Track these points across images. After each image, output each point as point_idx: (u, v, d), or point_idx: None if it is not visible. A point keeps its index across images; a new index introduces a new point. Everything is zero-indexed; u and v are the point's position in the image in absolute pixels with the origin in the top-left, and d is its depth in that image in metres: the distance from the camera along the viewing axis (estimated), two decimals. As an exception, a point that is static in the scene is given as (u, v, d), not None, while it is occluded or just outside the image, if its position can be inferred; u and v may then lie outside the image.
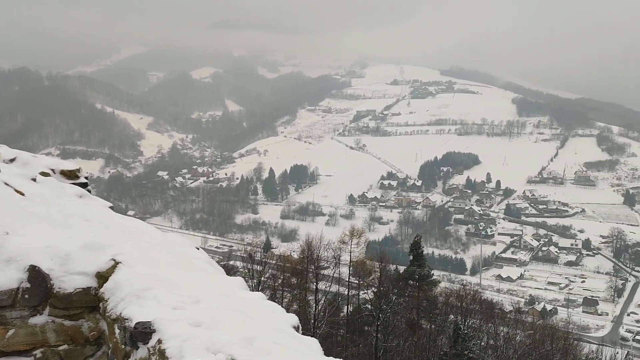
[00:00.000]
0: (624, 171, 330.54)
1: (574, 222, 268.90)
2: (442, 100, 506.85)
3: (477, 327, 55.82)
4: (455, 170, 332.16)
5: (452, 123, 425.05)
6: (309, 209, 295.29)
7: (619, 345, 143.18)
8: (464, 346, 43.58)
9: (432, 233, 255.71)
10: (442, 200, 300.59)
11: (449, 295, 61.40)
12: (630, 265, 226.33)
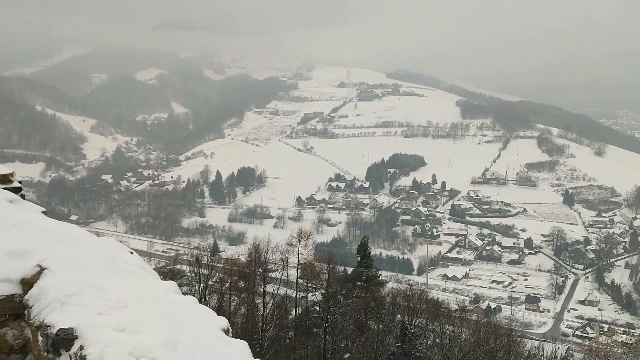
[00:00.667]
0: (563, 171, 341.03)
1: (516, 221, 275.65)
2: (388, 102, 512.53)
3: (423, 326, 56.40)
4: (402, 172, 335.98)
5: (399, 125, 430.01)
6: (256, 211, 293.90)
7: (559, 341, 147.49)
8: (411, 345, 43.93)
9: (380, 234, 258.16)
10: (389, 202, 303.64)
11: (396, 295, 61.90)
12: (569, 262, 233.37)
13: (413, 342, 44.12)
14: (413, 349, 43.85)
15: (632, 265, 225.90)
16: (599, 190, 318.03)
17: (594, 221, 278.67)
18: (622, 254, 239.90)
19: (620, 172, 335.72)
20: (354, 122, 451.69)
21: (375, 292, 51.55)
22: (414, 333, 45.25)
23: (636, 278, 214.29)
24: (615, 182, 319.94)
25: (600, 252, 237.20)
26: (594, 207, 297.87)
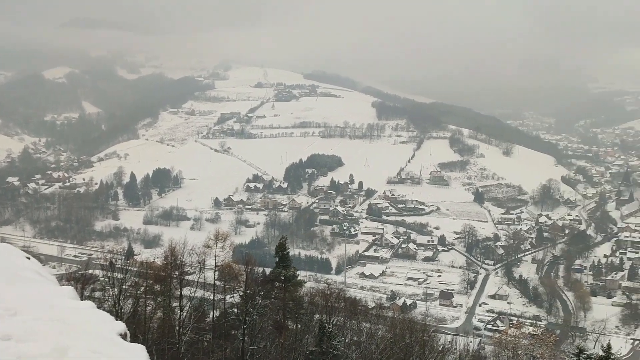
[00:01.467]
0: (474, 171, 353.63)
1: (430, 219, 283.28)
2: (305, 103, 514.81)
3: (341, 324, 57.09)
4: (320, 172, 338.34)
5: (316, 126, 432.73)
6: (173, 213, 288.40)
7: (472, 335, 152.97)
8: (329, 344, 44.30)
9: (299, 234, 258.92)
10: (307, 202, 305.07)
11: (315, 294, 62.30)
12: (480, 258, 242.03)
13: (331, 341, 44.51)
14: (331, 347, 44.24)
15: (538, 260, 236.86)
16: (507, 189, 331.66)
17: (502, 218, 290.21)
18: (529, 250, 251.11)
19: (526, 171, 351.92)
20: (271, 122, 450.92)
21: (294, 292, 51.67)
22: (332, 332, 45.66)
23: (542, 272, 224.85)
24: (522, 180, 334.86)
25: (509, 247, 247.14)
26: (503, 205, 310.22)
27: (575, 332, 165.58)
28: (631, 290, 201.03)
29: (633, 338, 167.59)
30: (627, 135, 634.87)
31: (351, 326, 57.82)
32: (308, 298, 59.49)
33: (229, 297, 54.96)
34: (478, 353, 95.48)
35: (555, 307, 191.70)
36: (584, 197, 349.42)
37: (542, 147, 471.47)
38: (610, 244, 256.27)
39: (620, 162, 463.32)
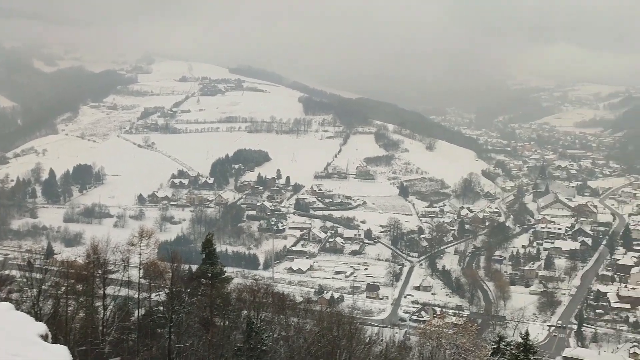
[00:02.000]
0: (399, 165, 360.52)
1: (357, 213, 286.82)
2: (231, 98, 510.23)
3: (269, 319, 57.14)
4: (246, 167, 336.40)
5: (242, 121, 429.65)
6: (95, 210, 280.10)
7: (397, 326, 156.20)
8: (257, 340, 44.31)
9: (226, 230, 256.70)
10: (234, 198, 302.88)
11: (242, 290, 62.07)
12: (405, 251, 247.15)
13: (259, 337, 44.53)
14: (259, 343, 44.27)
15: (460, 251, 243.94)
16: (430, 183, 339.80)
17: (426, 211, 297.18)
18: (452, 241, 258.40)
19: (449, 165, 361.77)
20: (197, 117, 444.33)
21: (221, 288, 51.36)
22: (259, 327, 45.65)
23: (464, 263, 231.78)
24: (444, 174, 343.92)
25: (433, 240, 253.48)
26: (426, 199, 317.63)
27: (495, 320, 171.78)
28: (547, 279, 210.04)
29: (549, 325, 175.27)
30: (542, 130, 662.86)
31: (279, 321, 57.96)
32: (235, 294, 59.23)
33: (154, 295, 53.94)
34: (404, 344, 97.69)
35: (477, 296, 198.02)
36: (503, 190, 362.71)
37: (463, 142, 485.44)
38: (528, 235, 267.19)
39: (537, 156, 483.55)
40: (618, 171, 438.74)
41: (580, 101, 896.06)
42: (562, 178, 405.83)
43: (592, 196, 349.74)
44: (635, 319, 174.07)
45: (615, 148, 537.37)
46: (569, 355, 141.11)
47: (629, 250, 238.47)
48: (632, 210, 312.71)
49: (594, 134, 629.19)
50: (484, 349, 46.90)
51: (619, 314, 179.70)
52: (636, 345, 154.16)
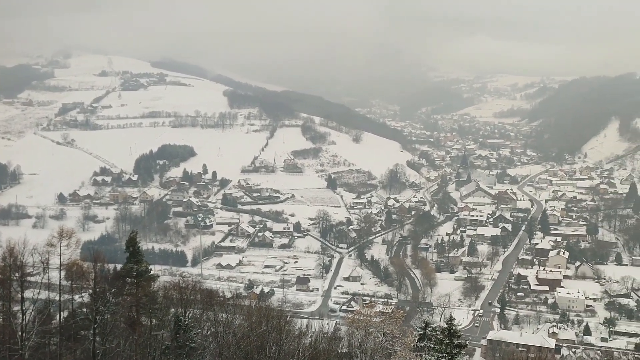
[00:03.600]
0: (326, 158, 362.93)
1: (286, 207, 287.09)
2: (154, 92, 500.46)
3: (198, 316, 56.42)
4: (171, 163, 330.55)
5: (166, 115, 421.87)
6: (11, 211, 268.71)
7: (328, 317, 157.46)
8: (186, 337, 43.71)
9: (152, 228, 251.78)
10: (160, 194, 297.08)
11: (169, 288, 61.01)
12: (335, 243, 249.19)
13: (187, 334, 43.94)
14: (187, 340, 43.69)
15: (388, 241, 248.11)
16: (357, 174, 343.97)
17: (354, 203, 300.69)
18: (379, 232, 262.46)
19: (375, 156, 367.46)
20: (118, 112, 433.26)
21: (147, 287, 50.21)
22: (188, 324, 45.06)
23: (391, 252, 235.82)
24: (371, 166, 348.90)
25: (361, 231, 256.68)
26: (354, 190, 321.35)
27: (423, 307, 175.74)
28: (471, 264, 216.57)
29: (473, 309, 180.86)
30: (463, 121, 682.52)
31: (208, 317, 57.30)
32: (162, 292, 58.08)
33: (77, 297, 52.19)
34: (334, 334, 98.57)
35: (405, 284, 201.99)
36: (428, 179, 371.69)
37: (388, 133, 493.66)
38: (452, 222, 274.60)
39: (459, 146, 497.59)
40: (535, 159, 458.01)
41: (499, 92, 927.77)
42: (483, 167, 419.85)
43: (512, 184, 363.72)
44: (553, 300, 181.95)
45: (531, 137, 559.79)
46: (492, 337, 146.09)
47: (546, 235, 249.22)
48: (549, 196, 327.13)
49: (512, 124, 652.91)
50: (411, 336, 47.89)
51: (539, 296, 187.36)
52: (554, 325, 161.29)
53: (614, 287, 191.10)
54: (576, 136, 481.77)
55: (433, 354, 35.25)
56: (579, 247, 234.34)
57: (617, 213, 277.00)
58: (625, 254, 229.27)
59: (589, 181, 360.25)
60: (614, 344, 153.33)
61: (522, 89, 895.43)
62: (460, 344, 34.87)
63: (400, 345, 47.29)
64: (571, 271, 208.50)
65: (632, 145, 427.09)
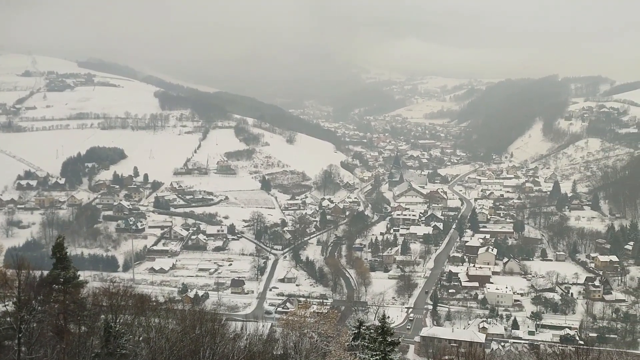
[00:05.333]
0: (260, 159, 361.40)
1: (219, 209, 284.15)
2: (82, 93, 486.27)
3: (129, 322, 55.17)
4: (101, 166, 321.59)
5: (95, 117, 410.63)
6: None
7: (263, 319, 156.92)
8: (117, 344, 42.68)
9: (81, 233, 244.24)
10: (89, 198, 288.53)
11: (99, 294, 59.44)
12: (269, 244, 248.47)
13: (118, 341, 42.92)
14: (118, 347, 42.67)
15: (323, 241, 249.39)
16: (291, 175, 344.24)
17: (289, 204, 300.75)
18: (314, 232, 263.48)
19: (309, 157, 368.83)
20: (44, 114, 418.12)
21: (75, 293, 48.88)
22: (118, 331, 44.00)
23: (326, 253, 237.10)
24: (305, 167, 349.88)
25: (296, 232, 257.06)
26: (289, 191, 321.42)
27: (358, 306, 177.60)
28: (404, 263, 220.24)
29: (407, 307, 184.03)
30: (395, 122, 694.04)
31: (140, 323, 56.08)
32: (91, 299, 56.51)
33: (2, 306, 50.15)
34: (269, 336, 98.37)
35: (340, 284, 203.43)
36: (361, 180, 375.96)
37: (322, 134, 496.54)
38: (385, 222, 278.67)
39: (391, 147, 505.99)
40: (464, 159, 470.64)
41: (429, 94, 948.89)
42: (415, 167, 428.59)
43: (442, 183, 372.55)
44: (483, 295, 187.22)
45: (461, 137, 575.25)
46: (425, 334, 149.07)
47: (475, 233, 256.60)
48: (478, 195, 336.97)
49: (442, 125, 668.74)
50: (346, 335, 48.31)
51: (469, 292, 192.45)
52: (484, 320, 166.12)
53: (540, 282, 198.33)
54: (503, 136, 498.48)
55: (367, 352, 35.69)
56: (507, 244, 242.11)
57: (541, 210, 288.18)
58: (549, 250, 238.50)
59: (515, 180, 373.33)
60: (540, 336, 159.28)
61: (451, 90, 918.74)
62: (393, 342, 35.44)
63: (334, 345, 47.64)
64: (499, 267, 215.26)
65: (555, 145, 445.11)
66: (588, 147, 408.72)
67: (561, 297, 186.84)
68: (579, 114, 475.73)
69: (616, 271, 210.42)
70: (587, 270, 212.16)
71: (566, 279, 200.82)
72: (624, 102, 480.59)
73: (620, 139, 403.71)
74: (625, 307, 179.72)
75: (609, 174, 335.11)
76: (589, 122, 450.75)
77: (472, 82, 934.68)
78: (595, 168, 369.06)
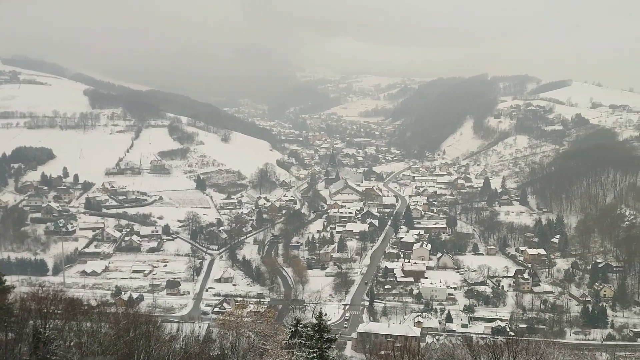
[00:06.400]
0: (195, 158, 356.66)
1: (154, 209, 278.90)
2: (6, 91, 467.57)
3: (60, 327, 53.45)
4: (28, 167, 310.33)
5: (21, 116, 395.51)
6: None
7: (199, 320, 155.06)
8: (46, 350, 41.43)
9: (7, 236, 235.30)
10: (15, 200, 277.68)
11: (27, 299, 57.31)
12: (205, 244, 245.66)
13: (48, 347, 41.66)
14: (48, 353, 41.44)
15: (259, 240, 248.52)
16: (227, 174, 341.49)
17: (224, 203, 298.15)
18: (251, 232, 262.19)
19: (244, 156, 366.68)
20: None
21: (1, 299, 47.06)
22: (48, 337, 42.67)
23: (263, 252, 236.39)
24: (241, 165, 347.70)
25: (232, 231, 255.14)
26: (224, 190, 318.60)
27: (295, 304, 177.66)
28: (341, 260, 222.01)
29: (344, 304, 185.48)
30: (331, 120, 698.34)
31: (71, 328, 54.41)
32: (19, 304, 54.46)
33: None
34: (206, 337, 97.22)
35: (277, 283, 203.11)
36: (298, 178, 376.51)
37: (257, 133, 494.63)
38: (322, 220, 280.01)
39: (327, 145, 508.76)
40: (398, 156, 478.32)
41: (364, 92, 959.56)
42: (351, 165, 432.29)
43: (377, 180, 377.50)
44: (418, 290, 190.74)
45: (395, 135, 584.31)
46: (362, 330, 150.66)
47: (410, 229, 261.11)
48: (412, 192, 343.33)
49: (377, 123, 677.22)
50: (283, 333, 48.31)
51: (405, 288, 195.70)
52: (419, 314, 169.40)
53: (472, 276, 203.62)
54: (435, 134, 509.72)
55: (304, 350, 35.83)
56: (440, 239, 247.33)
57: (473, 206, 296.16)
58: (481, 244, 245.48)
59: (447, 177, 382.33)
60: (473, 329, 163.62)
61: (385, 89, 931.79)
62: (330, 339, 35.71)
63: (272, 344, 47.57)
64: (434, 262, 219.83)
65: (485, 142, 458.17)
66: (516, 144, 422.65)
67: (492, 290, 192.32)
68: (508, 112, 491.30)
69: (544, 264, 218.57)
70: (517, 264, 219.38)
71: (497, 272, 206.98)
72: (550, 101, 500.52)
73: (547, 136, 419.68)
74: (552, 298, 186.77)
75: (536, 170, 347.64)
76: (517, 120, 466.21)
77: (406, 81, 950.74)
78: (523, 164, 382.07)
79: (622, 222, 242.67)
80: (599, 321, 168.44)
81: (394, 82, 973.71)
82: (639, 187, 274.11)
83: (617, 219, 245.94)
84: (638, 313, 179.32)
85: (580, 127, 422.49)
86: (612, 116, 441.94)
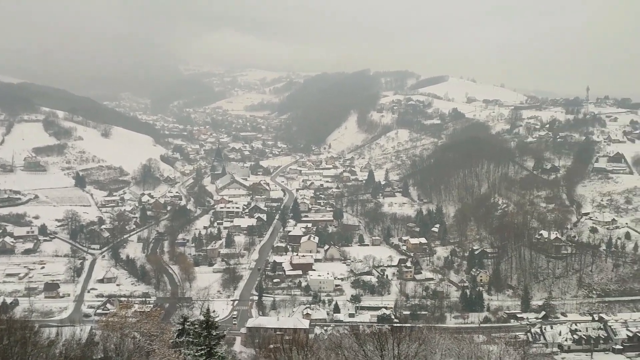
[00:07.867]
0: (73, 154, 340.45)
1: (28, 209, 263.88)
2: None
3: None
4: None
5: None
6: None
7: (81, 322, 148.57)
8: None
9: None
10: None
11: None
12: (86, 244, 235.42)
13: None
14: None
15: (144, 238, 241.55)
16: (108, 171, 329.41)
17: (106, 201, 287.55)
18: (134, 229, 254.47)
19: (126, 152, 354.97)
20: None
21: None
22: None
23: (148, 250, 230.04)
24: (122, 161, 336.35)
25: (115, 230, 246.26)
26: (105, 187, 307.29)
27: (182, 302, 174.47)
28: (229, 256, 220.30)
29: (233, 299, 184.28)
30: (216, 114, 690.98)
31: None
32: None
33: None
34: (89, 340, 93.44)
35: (163, 282, 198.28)
36: (183, 173, 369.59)
37: (140, 127, 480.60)
38: (209, 215, 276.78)
39: (213, 140, 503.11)
40: (285, 150, 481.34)
41: (249, 86, 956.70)
42: (237, 159, 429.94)
43: (265, 175, 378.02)
44: (306, 283, 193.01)
45: (281, 129, 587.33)
46: (251, 325, 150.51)
47: (298, 222, 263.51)
48: (299, 186, 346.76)
49: (263, 117, 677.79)
50: (169, 332, 47.35)
51: (293, 280, 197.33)
52: (308, 306, 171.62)
53: (358, 266, 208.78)
54: (321, 128, 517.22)
55: (192, 348, 35.32)
56: (327, 231, 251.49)
57: (358, 198, 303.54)
58: (366, 235, 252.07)
59: (333, 170, 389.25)
60: (360, 318, 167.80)
61: (270, 83, 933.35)
62: (218, 335, 35.42)
63: (158, 344, 46.51)
64: (321, 254, 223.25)
65: (369, 136, 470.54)
66: (398, 138, 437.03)
67: (378, 279, 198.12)
68: (389, 107, 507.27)
69: (425, 252, 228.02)
70: (400, 253, 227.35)
71: (382, 262, 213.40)
72: (428, 96, 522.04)
73: (426, 130, 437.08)
74: (433, 284, 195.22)
75: (417, 163, 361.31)
76: (399, 114, 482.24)
77: (291, 75, 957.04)
78: (405, 157, 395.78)
79: (495, 211, 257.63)
80: (476, 305, 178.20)
81: (280, 76, 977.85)
82: (510, 177, 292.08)
83: (491, 207, 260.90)
84: (511, 296, 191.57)
85: (456, 121, 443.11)
86: (485, 110, 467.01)
